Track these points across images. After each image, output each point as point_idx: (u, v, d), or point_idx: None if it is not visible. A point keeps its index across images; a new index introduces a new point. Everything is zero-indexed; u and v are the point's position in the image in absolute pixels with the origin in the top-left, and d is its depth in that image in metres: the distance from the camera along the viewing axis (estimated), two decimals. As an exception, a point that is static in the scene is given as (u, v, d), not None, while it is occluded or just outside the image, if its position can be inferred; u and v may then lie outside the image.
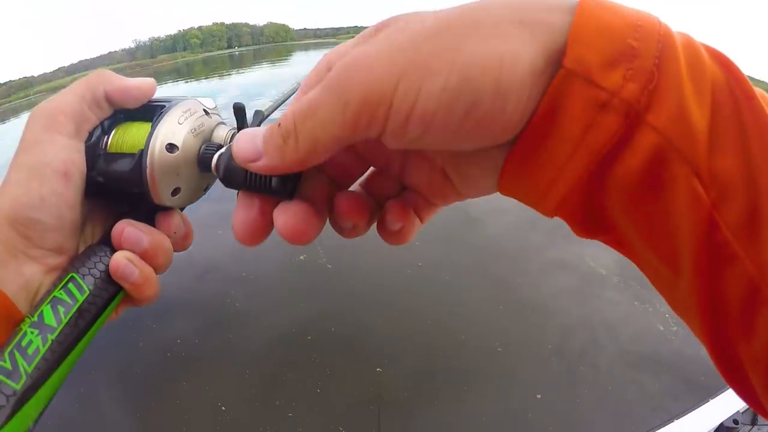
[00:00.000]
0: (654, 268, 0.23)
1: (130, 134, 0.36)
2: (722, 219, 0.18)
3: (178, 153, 0.36)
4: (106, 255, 0.34)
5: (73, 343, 0.33)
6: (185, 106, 0.37)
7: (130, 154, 0.35)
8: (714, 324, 0.20)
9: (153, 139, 0.35)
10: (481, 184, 0.27)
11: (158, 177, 0.35)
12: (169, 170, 0.36)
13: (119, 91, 0.36)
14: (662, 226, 0.20)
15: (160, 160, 0.35)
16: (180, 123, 0.36)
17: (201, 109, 0.38)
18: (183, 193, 0.37)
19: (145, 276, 0.35)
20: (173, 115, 0.36)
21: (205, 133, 0.38)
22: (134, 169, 0.35)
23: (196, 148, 0.37)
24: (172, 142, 0.35)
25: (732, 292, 0.19)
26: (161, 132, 0.35)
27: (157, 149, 0.35)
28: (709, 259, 0.19)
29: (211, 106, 0.39)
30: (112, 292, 0.35)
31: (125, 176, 0.35)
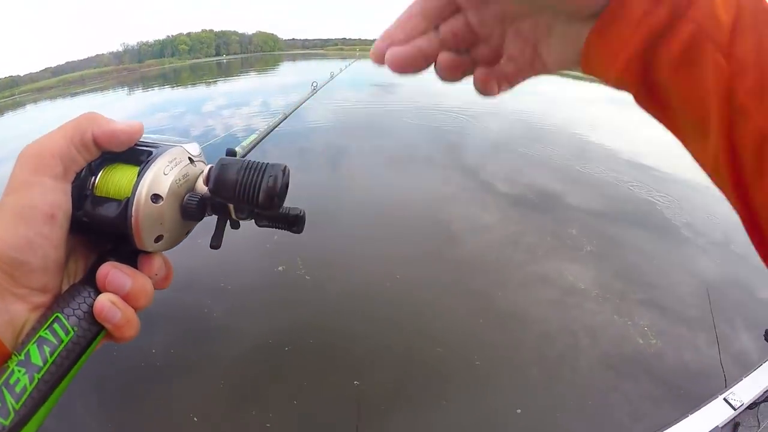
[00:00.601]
0: (690, 132, 0.30)
1: (117, 178, 0.38)
2: (740, 86, 0.25)
3: (162, 203, 0.37)
4: (90, 296, 0.36)
5: (58, 381, 0.34)
6: (171, 155, 0.39)
7: (116, 200, 0.37)
8: (736, 173, 0.27)
9: (139, 189, 0.36)
10: (566, 56, 0.34)
11: (142, 226, 0.37)
12: (153, 219, 0.37)
13: (107, 135, 0.37)
14: (697, 93, 0.27)
15: (145, 210, 0.37)
16: (165, 173, 0.38)
17: (186, 158, 0.40)
18: (165, 240, 0.39)
19: (126, 318, 0.37)
20: (159, 165, 0.38)
21: (189, 183, 0.41)
22: (119, 216, 0.36)
23: (180, 197, 0.39)
24: (157, 193, 0.37)
25: (747, 142, 0.26)
26: (147, 182, 0.37)
27: (142, 199, 0.36)
28: (730, 116, 0.26)
29: (195, 153, 0.42)
30: (94, 332, 0.36)
31: (110, 221, 0.37)
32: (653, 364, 3.70)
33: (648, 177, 9.25)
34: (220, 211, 0.43)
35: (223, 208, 0.42)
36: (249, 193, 0.39)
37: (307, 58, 60.30)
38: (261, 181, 0.39)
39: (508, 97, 0.39)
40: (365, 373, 3.27)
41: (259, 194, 0.39)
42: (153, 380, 3.17)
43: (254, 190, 0.39)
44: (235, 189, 0.39)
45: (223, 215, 0.43)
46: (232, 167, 0.40)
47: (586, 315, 4.20)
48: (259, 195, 0.39)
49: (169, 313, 3.80)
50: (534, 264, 5.09)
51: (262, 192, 0.39)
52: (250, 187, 0.39)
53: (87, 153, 0.37)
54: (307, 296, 4.13)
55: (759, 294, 4.95)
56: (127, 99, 22.35)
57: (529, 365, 3.52)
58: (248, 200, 0.39)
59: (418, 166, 8.84)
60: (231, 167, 0.40)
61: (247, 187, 0.39)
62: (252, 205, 0.40)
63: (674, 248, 6.09)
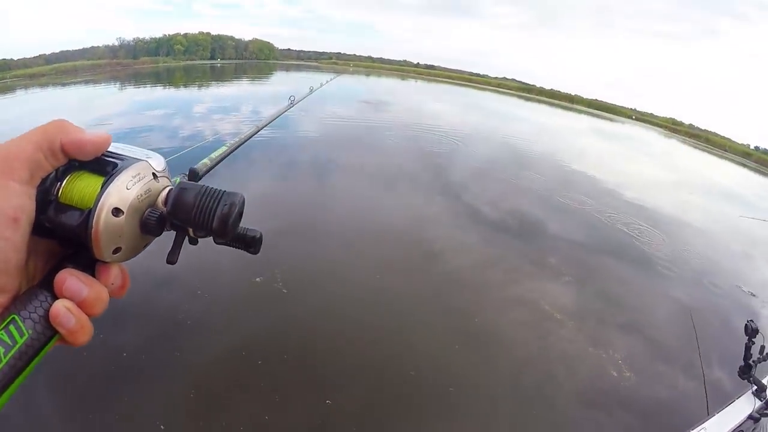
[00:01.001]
0: None
1: (81, 187, 0.39)
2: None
3: (122, 217, 0.39)
4: (47, 301, 0.37)
5: (9, 382, 0.35)
6: (136, 169, 0.40)
7: (78, 209, 0.38)
8: None
9: (101, 201, 0.38)
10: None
11: (102, 237, 0.38)
12: (112, 233, 0.39)
13: (75, 145, 0.38)
14: None
15: (105, 222, 0.38)
16: (128, 188, 0.39)
17: (150, 173, 0.42)
18: (123, 252, 0.41)
19: (80, 324, 0.38)
20: (123, 179, 0.39)
21: (151, 198, 0.42)
22: (80, 226, 0.38)
23: (140, 212, 0.41)
24: (118, 207, 0.39)
25: None
26: (109, 195, 0.38)
27: (103, 212, 0.38)
28: None
29: (159, 168, 0.43)
30: (48, 336, 0.37)
31: (71, 230, 0.38)
32: (626, 396, 3.72)
33: (629, 208, 9.44)
34: (178, 227, 0.44)
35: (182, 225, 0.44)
36: (204, 218, 0.42)
37: (300, 69, 60.62)
38: (216, 208, 0.42)
39: (498, 121, 0.39)
40: (338, 393, 3.23)
41: (214, 220, 0.41)
42: (121, 383, 3.09)
43: (209, 217, 0.41)
44: (191, 213, 0.42)
45: (181, 232, 0.45)
46: (189, 192, 0.42)
47: (562, 345, 4.22)
48: (213, 221, 0.41)
49: (142, 316, 3.72)
50: (512, 291, 5.13)
51: (217, 219, 0.41)
52: (206, 213, 0.41)
53: (54, 160, 0.38)
54: (283, 310, 4.08)
55: (734, 326, 5.04)
56: (118, 94, 22.07)
57: (504, 396, 3.52)
58: (203, 225, 0.42)
59: (401, 184, 8.89)
60: (189, 192, 0.42)
61: (203, 212, 0.41)
62: (206, 231, 0.42)
63: (651, 280, 6.19)
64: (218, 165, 0.95)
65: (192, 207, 0.42)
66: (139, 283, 3.91)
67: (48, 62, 40.71)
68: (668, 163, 23.45)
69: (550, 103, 61.13)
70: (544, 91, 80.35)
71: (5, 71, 31.01)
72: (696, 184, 17.51)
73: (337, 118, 15.99)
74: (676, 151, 35.77)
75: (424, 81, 66.62)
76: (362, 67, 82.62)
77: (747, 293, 6.36)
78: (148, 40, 60.67)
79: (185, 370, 3.27)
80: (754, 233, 10.40)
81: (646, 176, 15.32)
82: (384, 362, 3.64)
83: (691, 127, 66.68)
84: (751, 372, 2.20)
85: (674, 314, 5.30)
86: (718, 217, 11.52)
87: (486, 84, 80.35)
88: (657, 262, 6.90)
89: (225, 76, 40.18)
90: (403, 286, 4.83)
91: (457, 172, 10.59)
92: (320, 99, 20.46)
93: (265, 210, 6.49)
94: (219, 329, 3.73)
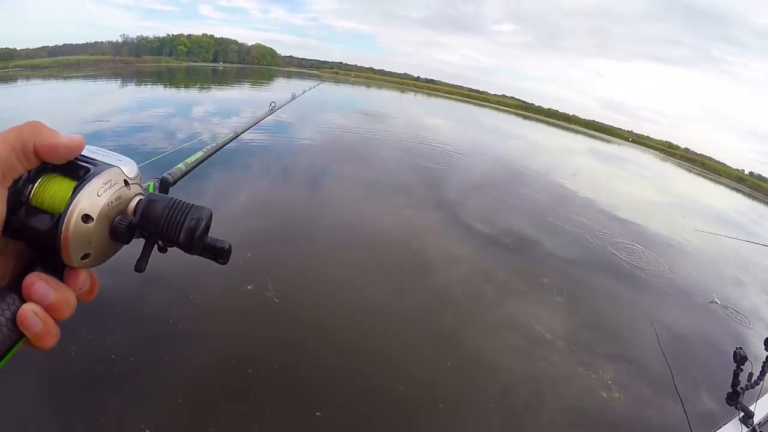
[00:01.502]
0: None
1: (53, 190, 0.39)
2: None
3: (92, 224, 0.39)
4: (14, 303, 0.37)
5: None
6: (108, 176, 0.41)
7: (49, 213, 0.38)
8: None
9: (71, 207, 0.38)
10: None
11: (71, 243, 0.38)
12: (81, 239, 0.39)
13: (48, 148, 0.38)
14: None
15: (75, 228, 0.38)
16: (99, 195, 0.40)
17: (122, 180, 0.42)
18: (91, 258, 0.41)
19: (47, 328, 0.37)
20: (94, 185, 0.39)
21: (122, 205, 0.42)
22: (50, 231, 0.38)
23: (110, 219, 0.41)
24: (88, 213, 0.39)
25: None
26: (80, 202, 0.38)
27: (73, 218, 0.38)
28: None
29: (132, 175, 0.43)
30: (15, 339, 0.37)
31: (41, 234, 0.38)
32: (616, 417, 3.72)
33: (623, 230, 9.50)
34: (147, 236, 0.45)
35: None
36: (171, 231, 0.42)
37: (302, 76, 60.93)
38: (183, 222, 0.42)
39: (495, 138, 0.40)
40: (327, 405, 3.20)
41: (181, 233, 0.42)
42: (109, 386, 3.03)
43: (176, 229, 0.42)
44: (159, 225, 0.42)
45: (150, 240, 0.45)
46: (158, 204, 0.43)
47: (552, 365, 4.22)
48: (180, 234, 0.42)
49: (132, 318, 3.68)
50: (503, 311, 5.13)
51: (184, 232, 0.42)
52: (173, 225, 0.42)
53: (27, 162, 0.38)
54: (274, 320, 4.05)
55: (724, 349, 5.05)
56: (118, 91, 22.07)
57: (491, 412, 3.50)
58: (170, 238, 0.43)
59: (396, 197, 8.91)
60: (157, 204, 0.43)
61: (170, 225, 0.42)
62: (173, 243, 0.43)
63: (642, 301, 6.21)
64: (200, 166, 0.95)
65: (160, 219, 0.42)
66: (129, 284, 3.88)
67: (51, 54, 40.68)
68: (663, 185, 23.69)
69: (548, 122, 61.73)
70: (542, 110, 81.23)
71: (7, 61, 30.92)
72: (690, 206, 17.66)
73: (336, 127, 16.05)
74: (672, 173, 36.14)
75: (424, 95, 67.12)
76: (363, 78, 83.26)
77: (737, 319, 6.39)
78: (152, 39, 60.87)
79: (174, 375, 3.23)
80: (747, 256, 10.50)
81: (640, 197, 15.44)
82: (374, 376, 3.61)
83: (686, 151, 67.51)
84: (739, 399, 2.20)
85: (662, 337, 5.31)
86: (708, 238, 11.60)
87: (485, 101, 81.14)
88: (650, 284, 6.93)
89: (226, 80, 40.30)
90: (395, 300, 4.81)
91: (453, 188, 10.62)
92: (319, 108, 20.53)
93: (256, 217, 6.48)
94: (209, 336, 3.69)
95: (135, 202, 0.43)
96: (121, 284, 3.73)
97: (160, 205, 0.43)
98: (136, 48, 57.82)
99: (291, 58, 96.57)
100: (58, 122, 10.66)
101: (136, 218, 0.42)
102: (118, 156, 0.44)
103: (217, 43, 71.04)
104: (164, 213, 0.42)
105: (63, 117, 11.69)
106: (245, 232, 5.60)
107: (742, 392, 2.18)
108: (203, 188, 6.60)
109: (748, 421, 2.21)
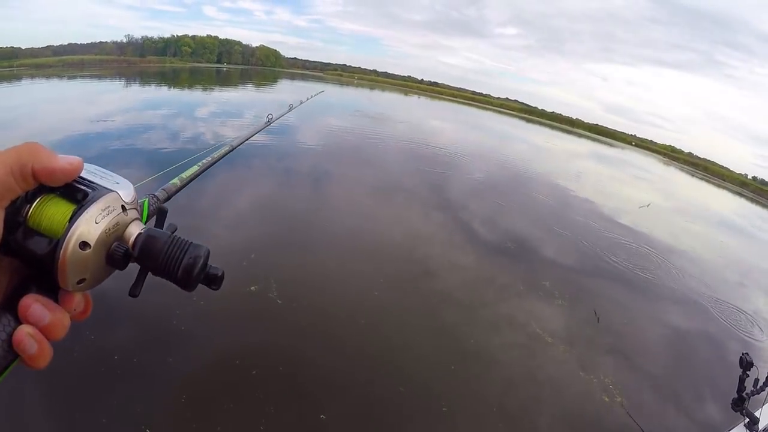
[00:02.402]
0: None
1: (50, 213, 0.39)
2: None
3: (89, 251, 0.39)
4: (10, 325, 0.38)
5: None
6: (105, 202, 0.41)
7: (47, 236, 0.39)
8: None
9: (69, 234, 0.38)
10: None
11: (68, 270, 0.39)
12: (78, 265, 0.39)
13: (46, 172, 0.38)
14: None
15: (72, 255, 0.39)
16: (97, 222, 0.40)
17: (119, 206, 0.43)
18: (86, 283, 0.41)
19: (42, 350, 0.38)
20: (92, 212, 0.40)
21: (119, 231, 0.43)
22: (47, 256, 0.38)
23: (107, 246, 0.42)
24: (86, 241, 0.39)
25: None
26: (78, 228, 0.39)
27: (71, 245, 0.38)
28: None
29: (129, 200, 0.44)
30: (10, 359, 0.37)
31: (38, 258, 0.39)
32: (617, 421, 3.69)
33: (625, 234, 9.46)
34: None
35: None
36: (169, 268, 0.43)
37: (306, 78, 61.03)
38: (182, 259, 0.43)
39: (498, 141, 0.39)
40: (332, 407, 3.19)
41: (179, 271, 0.43)
42: (111, 385, 3.03)
43: (175, 266, 0.43)
44: (158, 261, 0.43)
45: (145, 269, 0.46)
46: (157, 242, 0.44)
47: (553, 370, 4.20)
48: (178, 271, 0.43)
49: (135, 318, 3.67)
50: (506, 313, 5.11)
51: (182, 270, 0.43)
52: (172, 262, 0.43)
53: (24, 184, 0.38)
54: (277, 321, 4.04)
55: (727, 355, 5.03)
56: (122, 91, 22.16)
57: (494, 416, 3.48)
58: (168, 274, 0.44)
59: (400, 199, 8.90)
60: (157, 241, 0.44)
61: (169, 262, 0.43)
62: (171, 279, 0.44)
63: (644, 305, 6.18)
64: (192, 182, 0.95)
65: (159, 256, 0.43)
66: (131, 277, 3.87)
67: (55, 53, 40.93)
68: (666, 189, 23.62)
69: (551, 126, 61.66)
70: (545, 114, 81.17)
71: (12, 59, 31.09)
72: (693, 211, 17.60)
73: (339, 130, 16.05)
74: (675, 177, 36.06)
75: (428, 98, 67.16)
76: (367, 80, 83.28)
77: (743, 323, 6.35)
78: (157, 40, 61.15)
79: (177, 376, 3.22)
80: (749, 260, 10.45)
81: (640, 200, 15.40)
82: (379, 379, 3.60)
83: (690, 155, 67.37)
84: (744, 404, 2.18)
85: (669, 343, 5.29)
86: (713, 244, 11.55)
87: (488, 104, 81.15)
88: (652, 288, 6.90)
89: (230, 81, 40.40)
90: (400, 302, 4.80)
91: (457, 191, 10.62)
92: (323, 110, 20.55)
93: (259, 218, 6.48)
94: (212, 336, 3.68)
95: (134, 237, 0.44)
96: (123, 285, 3.72)
97: (159, 241, 0.44)
98: (141, 48, 58.10)
99: (295, 59, 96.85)
100: (62, 121, 10.73)
101: (135, 252, 0.43)
102: (116, 178, 0.44)
103: (222, 44, 71.28)
104: (163, 249, 0.43)
105: (67, 116, 11.74)
106: (248, 234, 5.61)
107: (748, 398, 2.17)
108: (206, 189, 6.61)
109: (753, 427, 2.20)
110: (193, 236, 0.46)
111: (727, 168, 60.93)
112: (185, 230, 0.47)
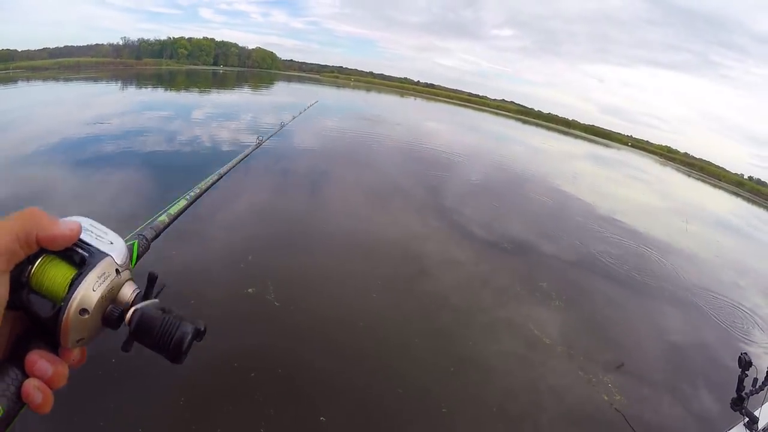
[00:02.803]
0: None
1: (51, 275, 0.44)
2: None
3: (88, 316, 0.45)
4: (18, 378, 0.43)
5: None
6: (102, 268, 0.46)
7: (49, 299, 0.44)
8: None
9: (71, 302, 0.44)
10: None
11: (69, 332, 0.44)
12: (78, 328, 0.45)
13: (49, 239, 0.43)
14: None
15: (73, 321, 0.44)
16: (94, 290, 0.45)
17: (114, 270, 0.48)
18: (84, 341, 0.47)
19: (46, 399, 0.43)
20: (90, 281, 0.45)
21: (113, 294, 0.49)
22: (51, 319, 0.44)
23: (103, 309, 0.47)
24: (85, 308, 0.45)
25: None
26: (78, 296, 0.44)
27: (72, 312, 0.44)
28: None
29: (121, 262, 0.49)
30: (18, 408, 0.42)
31: (42, 320, 0.44)
32: (616, 420, 3.70)
33: (623, 233, 9.48)
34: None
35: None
36: (162, 344, 0.49)
37: (302, 80, 60.98)
38: (174, 336, 0.49)
39: (494, 143, 0.39)
40: (332, 409, 3.18)
41: (170, 346, 0.49)
42: (108, 388, 3.00)
43: (167, 343, 0.49)
44: (152, 337, 0.49)
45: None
46: (153, 322, 0.49)
47: (552, 371, 4.20)
48: (170, 346, 0.49)
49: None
50: (503, 315, 5.11)
51: (172, 346, 0.49)
52: (164, 339, 0.49)
53: (28, 249, 0.42)
54: (276, 323, 4.02)
55: (726, 356, 5.04)
56: (119, 93, 22.09)
57: (493, 416, 3.48)
58: (160, 349, 0.49)
59: (397, 201, 8.90)
60: (152, 321, 0.49)
61: (162, 339, 0.49)
62: (162, 353, 0.50)
63: (642, 306, 6.19)
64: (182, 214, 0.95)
65: (152, 334, 0.49)
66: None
67: (52, 56, 40.81)
68: (663, 190, 23.70)
69: (547, 127, 61.79)
70: (541, 115, 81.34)
71: (8, 62, 30.94)
72: (689, 211, 17.66)
73: (336, 132, 16.04)
74: (671, 178, 36.18)
75: (424, 99, 67.23)
76: (363, 82, 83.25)
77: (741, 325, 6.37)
78: (153, 42, 61.04)
79: (175, 378, 3.20)
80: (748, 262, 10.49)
81: (638, 201, 15.44)
82: (378, 381, 3.59)
83: (686, 156, 67.64)
84: (744, 404, 2.18)
85: (669, 343, 5.30)
86: (710, 244, 11.58)
87: (485, 105, 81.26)
88: (650, 289, 6.91)
89: (226, 83, 40.34)
90: (398, 304, 4.79)
91: (454, 193, 10.62)
92: (321, 113, 20.55)
93: (256, 221, 6.47)
94: (210, 339, 3.63)
95: (131, 312, 0.49)
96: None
97: (153, 322, 0.49)
98: (137, 50, 57.97)
99: (291, 61, 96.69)
100: (59, 124, 10.69)
101: (131, 328, 0.49)
102: (110, 236, 0.50)
103: (218, 46, 71.18)
104: (156, 328, 0.49)
105: (64, 119, 11.69)
106: (246, 236, 5.59)
107: (747, 397, 2.17)
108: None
109: (752, 426, 2.20)
110: (192, 239, 0.46)
111: (723, 168, 61.22)
112: (183, 233, 0.47)
